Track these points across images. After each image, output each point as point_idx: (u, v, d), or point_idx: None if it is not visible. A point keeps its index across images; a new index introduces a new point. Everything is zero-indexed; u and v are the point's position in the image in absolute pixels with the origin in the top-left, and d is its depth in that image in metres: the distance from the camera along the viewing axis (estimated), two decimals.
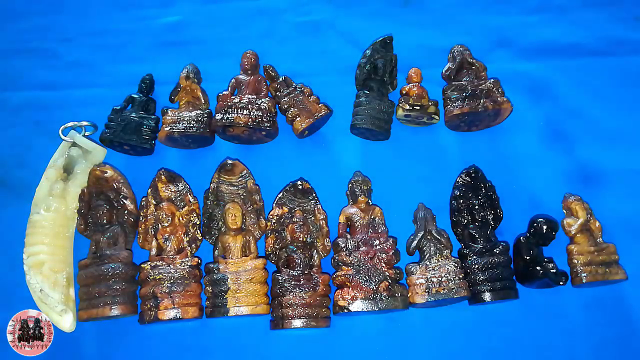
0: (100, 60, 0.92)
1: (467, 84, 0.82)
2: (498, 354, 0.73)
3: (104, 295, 0.71)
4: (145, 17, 0.96)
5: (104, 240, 0.75)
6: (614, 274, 0.72)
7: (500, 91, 0.81)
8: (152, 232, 0.76)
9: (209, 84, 0.86)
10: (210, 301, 0.72)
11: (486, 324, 0.74)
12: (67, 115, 0.85)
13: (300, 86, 0.83)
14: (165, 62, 0.90)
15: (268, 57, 0.87)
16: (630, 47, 0.90)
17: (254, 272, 0.72)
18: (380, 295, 0.71)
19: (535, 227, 0.73)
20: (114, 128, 0.81)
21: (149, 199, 0.78)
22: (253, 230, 0.77)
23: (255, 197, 0.79)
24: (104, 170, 0.77)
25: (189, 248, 0.76)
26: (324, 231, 0.77)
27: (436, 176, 0.81)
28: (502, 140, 0.83)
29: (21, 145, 0.86)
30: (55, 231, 0.76)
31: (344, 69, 0.88)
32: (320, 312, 0.71)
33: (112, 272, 0.72)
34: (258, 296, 0.72)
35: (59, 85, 0.90)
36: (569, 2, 0.94)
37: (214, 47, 0.92)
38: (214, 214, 0.79)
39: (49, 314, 0.74)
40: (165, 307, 0.70)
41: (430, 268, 0.73)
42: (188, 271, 0.73)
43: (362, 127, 0.80)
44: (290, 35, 0.93)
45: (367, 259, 0.73)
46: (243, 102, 0.80)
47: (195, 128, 0.80)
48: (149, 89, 0.85)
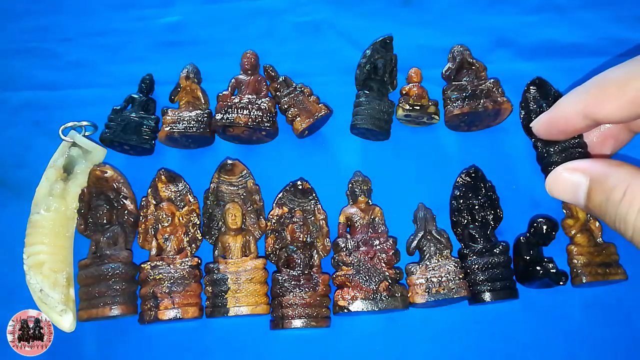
0: (100, 60, 0.92)
1: (467, 84, 0.82)
2: (498, 354, 0.73)
3: (104, 295, 0.71)
4: (145, 17, 0.96)
5: (104, 240, 0.75)
6: (614, 274, 0.72)
7: (500, 91, 0.81)
8: (152, 232, 0.76)
9: (209, 84, 0.86)
10: (210, 301, 0.72)
11: (486, 324, 0.74)
12: (67, 115, 0.85)
13: (300, 86, 0.83)
14: (165, 62, 0.90)
15: (268, 57, 0.87)
16: (630, 47, 0.89)
17: (254, 272, 0.72)
18: (380, 295, 0.71)
19: (535, 227, 0.73)
20: (114, 128, 0.81)
21: (149, 199, 0.78)
22: (253, 230, 0.77)
23: (255, 197, 0.79)
24: (104, 170, 0.77)
25: (189, 248, 0.76)
26: (324, 231, 0.77)
27: (436, 176, 0.81)
28: (502, 140, 0.83)
29: (21, 145, 0.86)
30: (55, 231, 0.76)
31: (344, 69, 0.88)
32: (320, 312, 0.71)
33: (112, 272, 0.72)
34: (258, 296, 0.72)
35: (59, 85, 0.90)
36: (569, 2, 0.94)
37: (214, 47, 0.92)
38: (214, 214, 0.79)
39: (49, 314, 0.74)
40: (165, 307, 0.71)
41: (430, 268, 0.73)
42: (188, 271, 0.73)
43: (362, 127, 0.80)
44: (290, 35, 0.93)
45: (367, 259, 0.72)
46: (243, 102, 0.80)
47: (195, 128, 0.80)
48: (149, 89, 0.85)
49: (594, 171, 0.55)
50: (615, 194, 0.51)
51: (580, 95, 0.62)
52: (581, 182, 0.56)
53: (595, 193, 0.54)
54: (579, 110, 0.62)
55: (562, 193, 0.59)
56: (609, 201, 0.52)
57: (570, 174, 0.57)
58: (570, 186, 0.57)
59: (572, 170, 0.57)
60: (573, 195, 0.57)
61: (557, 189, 0.59)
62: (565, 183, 0.58)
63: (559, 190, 0.59)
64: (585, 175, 0.56)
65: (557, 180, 0.59)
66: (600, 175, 0.54)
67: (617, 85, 0.58)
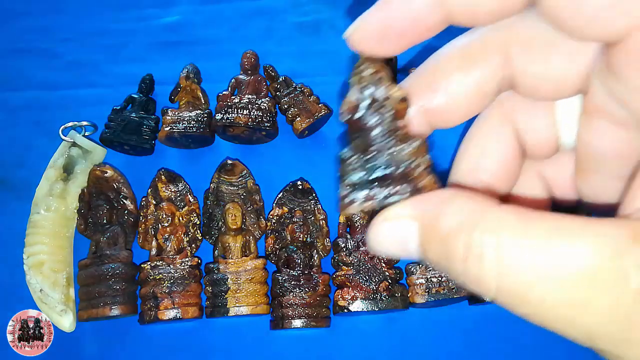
0: (100, 60, 0.92)
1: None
2: (498, 353, 0.73)
3: (104, 295, 0.71)
4: (145, 17, 0.96)
5: (104, 240, 0.75)
6: None
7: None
8: (152, 232, 0.76)
9: (209, 84, 0.86)
10: (210, 301, 0.73)
11: (486, 324, 0.74)
12: (67, 115, 0.85)
13: (300, 86, 0.83)
14: (165, 62, 0.90)
15: (268, 57, 0.87)
16: None
17: (254, 272, 0.72)
18: (380, 295, 0.71)
19: None
20: (114, 128, 0.81)
21: (149, 199, 0.78)
22: (253, 230, 0.77)
23: (255, 197, 0.79)
24: (104, 170, 0.77)
25: (189, 248, 0.76)
26: (324, 231, 0.77)
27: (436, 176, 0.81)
28: None
29: (21, 145, 0.86)
30: (55, 231, 0.76)
31: (344, 69, 0.88)
32: (320, 312, 0.71)
33: (112, 272, 0.72)
34: (258, 296, 0.72)
35: (59, 85, 0.90)
36: None
37: (214, 47, 0.92)
38: (214, 214, 0.79)
39: (49, 314, 0.74)
40: (165, 307, 0.71)
41: (430, 268, 0.73)
42: (188, 271, 0.73)
43: None
44: (290, 35, 0.93)
45: (367, 259, 0.73)
46: (243, 102, 0.80)
47: (195, 128, 0.80)
48: (149, 89, 0.85)
49: (424, 213, 0.35)
50: (453, 247, 0.32)
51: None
52: (409, 232, 0.36)
53: (429, 246, 0.35)
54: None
55: (388, 249, 0.37)
56: (449, 257, 0.33)
57: (393, 224, 0.37)
58: (397, 240, 0.37)
59: (394, 219, 0.37)
60: (403, 250, 0.37)
61: (380, 244, 0.37)
62: (388, 236, 0.37)
63: (381, 247, 0.37)
64: (413, 220, 0.36)
65: (378, 233, 0.37)
66: (431, 218, 0.35)
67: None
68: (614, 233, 0.28)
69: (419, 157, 0.38)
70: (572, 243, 0.28)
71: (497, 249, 0.30)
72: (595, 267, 0.28)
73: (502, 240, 0.29)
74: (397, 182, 0.38)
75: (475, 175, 0.42)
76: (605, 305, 0.27)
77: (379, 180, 0.38)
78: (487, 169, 0.42)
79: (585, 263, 0.28)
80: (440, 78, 0.39)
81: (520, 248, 0.29)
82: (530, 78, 0.37)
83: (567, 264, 0.28)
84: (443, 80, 0.39)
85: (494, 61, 0.38)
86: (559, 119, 0.40)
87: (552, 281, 0.28)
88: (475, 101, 0.39)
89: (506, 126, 0.41)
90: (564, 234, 0.29)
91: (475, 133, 0.43)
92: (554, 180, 0.44)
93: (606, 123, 0.35)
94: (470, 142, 0.43)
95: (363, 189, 0.38)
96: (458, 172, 0.43)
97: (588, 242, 0.28)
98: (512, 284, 0.29)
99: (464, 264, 0.31)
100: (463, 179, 0.43)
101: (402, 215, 0.36)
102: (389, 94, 0.38)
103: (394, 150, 0.38)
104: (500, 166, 0.42)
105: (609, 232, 0.28)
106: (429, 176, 0.38)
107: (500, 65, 0.37)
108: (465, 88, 0.38)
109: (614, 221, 0.29)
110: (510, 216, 0.30)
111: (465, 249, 0.31)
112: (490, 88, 0.38)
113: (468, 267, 0.31)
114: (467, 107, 0.40)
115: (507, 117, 0.41)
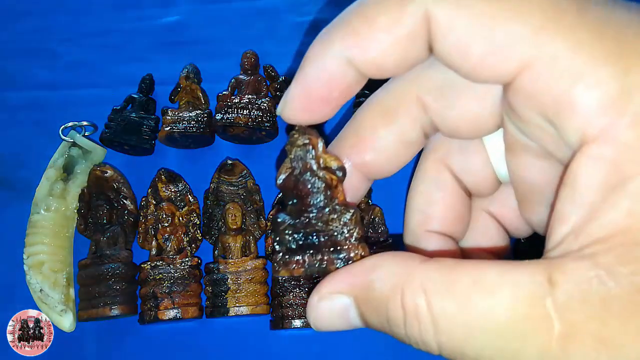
0: (100, 60, 0.92)
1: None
2: None
3: (104, 295, 0.71)
4: (145, 17, 0.96)
5: (104, 240, 0.75)
6: None
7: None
8: (152, 232, 0.76)
9: (209, 84, 0.86)
10: (210, 301, 0.73)
11: None
12: (67, 115, 0.85)
13: None
14: (165, 62, 0.90)
15: (268, 57, 0.87)
16: None
17: (254, 272, 0.72)
18: None
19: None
20: (114, 128, 0.81)
21: (149, 199, 0.78)
22: (253, 230, 0.77)
23: (255, 197, 0.79)
24: (104, 170, 0.77)
25: (189, 248, 0.76)
26: None
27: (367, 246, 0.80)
28: None
29: (21, 145, 0.86)
30: (55, 231, 0.76)
31: None
32: None
33: (112, 272, 0.72)
34: (258, 296, 0.72)
35: (59, 85, 0.90)
36: None
37: (214, 47, 0.92)
38: (214, 214, 0.79)
39: (49, 314, 0.74)
40: (165, 307, 0.71)
41: None
42: (188, 271, 0.73)
43: None
44: (290, 35, 0.93)
45: None
46: (243, 102, 0.80)
47: (195, 128, 0.80)
48: (149, 89, 0.85)
49: (355, 285, 0.35)
50: (391, 313, 0.32)
51: (337, 30, 0.35)
52: (346, 306, 0.36)
53: (369, 315, 0.35)
54: (339, 52, 0.34)
55: (332, 325, 0.37)
56: (390, 322, 0.33)
57: (329, 302, 0.36)
58: (338, 315, 0.36)
59: (329, 296, 0.36)
60: (347, 323, 0.36)
61: (323, 323, 0.37)
62: (328, 314, 0.36)
63: (325, 325, 0.37)
64: (347, 295, 0.35)
65: (317, 313, 0.37)
66: (363, 289, 0.34)
67: (390, 10, 0.32)
68: (529, 280, 0.28)
69: (352, 228, 0.39)
70: (492, 294, 0.28)
71: (428, 308, 0.30)
72: (517, 317, 0.27)
73: (430, 299, 0.30)
74: (329, 252, 0.38)
75: (426, 226, 0.43)
76: (534, 355, 0.27)
77: (312, 248, 0.38)
78: (435, 217, 0.43)
79: (507, 314, 0.28)
80: (365, 136, 0.41)
81: (449, 304, 0.29)
82: (448, 121, 0.38)
83: (491, 317, 0.28)
84: (369, 138, 0.41)
85: (411, 112, 0.39)
86: (491, 154, 0.40)
87: (482, 335, 0.28)
88: (403, 151, 0.42)
89: (443, 172, 0.42)
90: (485, 285, 0.29)
91: (417, 186, 0.45)
92: (503, 215, 0.44)
93: (526, 155, 0.36)
94: (414, 196, 0.45)
95: (296, 255, 0.38)
96: (409, 227, 0.44)
97: (506, 292, 0.28)
98: (449, 341, 0.30)
99: (405, 327, 0.32)
100: (416, 234, 0.43)
101: (336, 291, 0.36)
102: (323, 164, 0.39)
103: (326, 219, 0.38)
104: (448, 212, 0.43)
105: (524, 279, 0.28)
106: (360, 245, 0.38)
107: (417, 114, 0.39)
108: (390, 141, 0.40)
109: (529, 265, 0.29)
110: (434, 273, 0.31)
111: (402, 312, 0.32)
112: (414, 136, 0.40)
113: (408, 329, 0.32)
114: (396, 158, 0.42)
115: (443, 162, 0.43)
